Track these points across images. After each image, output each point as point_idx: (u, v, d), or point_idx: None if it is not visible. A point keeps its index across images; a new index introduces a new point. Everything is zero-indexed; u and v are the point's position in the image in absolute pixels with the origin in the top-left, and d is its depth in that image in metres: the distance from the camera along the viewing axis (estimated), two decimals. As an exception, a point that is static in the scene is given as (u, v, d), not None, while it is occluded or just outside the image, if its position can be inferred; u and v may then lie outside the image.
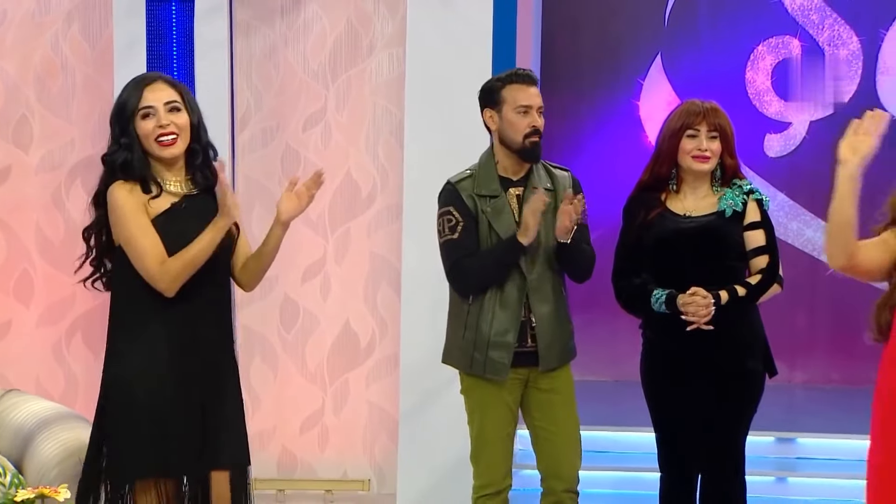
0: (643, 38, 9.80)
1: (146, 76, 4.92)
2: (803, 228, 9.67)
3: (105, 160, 4.82)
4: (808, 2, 9.75)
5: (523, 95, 5.63)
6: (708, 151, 5.51)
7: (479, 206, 5.64)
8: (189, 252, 4.71)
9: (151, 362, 4.77)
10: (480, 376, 5.67)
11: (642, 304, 5.55)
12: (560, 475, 5.76)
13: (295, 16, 8.47)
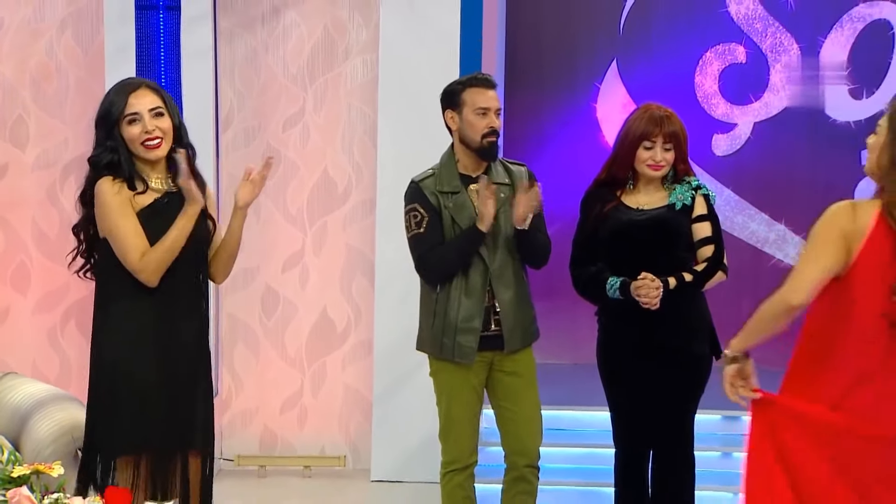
0: (600, 44, 9.80)
1: (130, 82, 4.88)
2: (748, 222, 9.69)
3: (91, 161, 4.80)
4: (752, 11, 9.76)
5: (482, 98, 5.62)
6: (662, 161, 5.53)
7: (441, 201, 5.64)
8: (165, 241, 4.71)
9: (134, 347, 4.75)
10: (450, 360, 5.65)
11: (597, 291, 5.55)
12: (522, 452, 5.76)
13: (275, 23, 8.47)
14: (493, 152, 5.66)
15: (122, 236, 4.71)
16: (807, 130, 9.64)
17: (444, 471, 5.78)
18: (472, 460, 5.78)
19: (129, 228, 4.70)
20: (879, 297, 4.15)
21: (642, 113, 5.61)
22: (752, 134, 9.73)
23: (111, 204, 4.71)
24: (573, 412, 7.43)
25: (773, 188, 9.59)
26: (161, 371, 4.78)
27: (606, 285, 5.48)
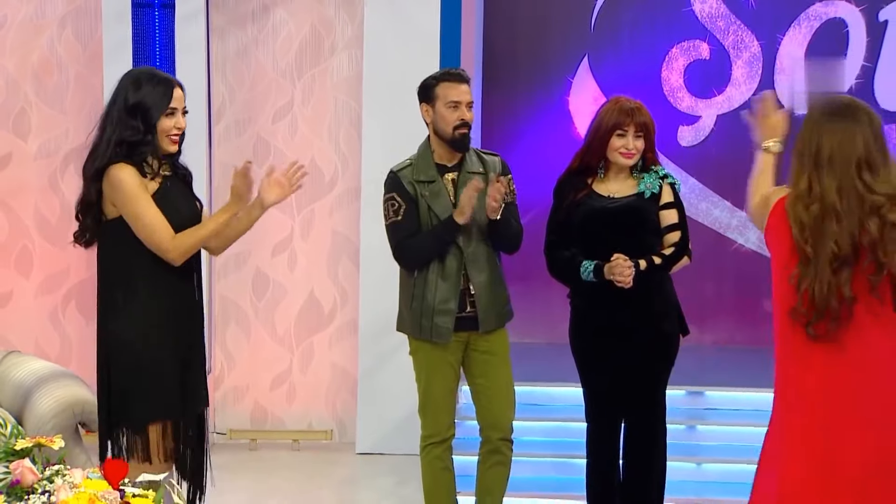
0: (572, 41, 9.79)
1: (169, 78, 4.87)
2: (711, 209, 9.69)
3: (123, 142, 4.74)
4: (716, 10, 9.76)
5: (454, 92, 5.61)
6: (634, 149, 5.52)
7: (418, 190, 5.63)
8: (203, 230, 4.79)
9: (149, 322, 4.77)
10: (428, 340, 5.65)
11: (572, 274, 5.54)
12: (496, 426, 5.77)
13: (265, 21, 8.47)
14: (464, 143, 5.65)
15: (150, 220, 4.71)
16: (766, 122, 9.64)
17: (424, 444, 5.78)
18: (450, 434, 5.78)
19: (155, 213, 4.71)
20: (786, 292, 4.14)
21: (613, 105, 5.60)
22: (715, 126, 9.74)
23: (135, 190, 4.70)
24: (547, 388, 7.44)
25: (735, 177, 9.49)
26: (173, 344, 4.83)
27: (580, 269, 5.47)
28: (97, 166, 4.74)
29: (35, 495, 3.62)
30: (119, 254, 4.80)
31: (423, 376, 5.76)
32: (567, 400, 7.03)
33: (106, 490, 3.70)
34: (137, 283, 4.79)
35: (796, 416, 4.17)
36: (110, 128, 4.77)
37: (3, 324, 8.57)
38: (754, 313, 9.79)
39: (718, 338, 9.52)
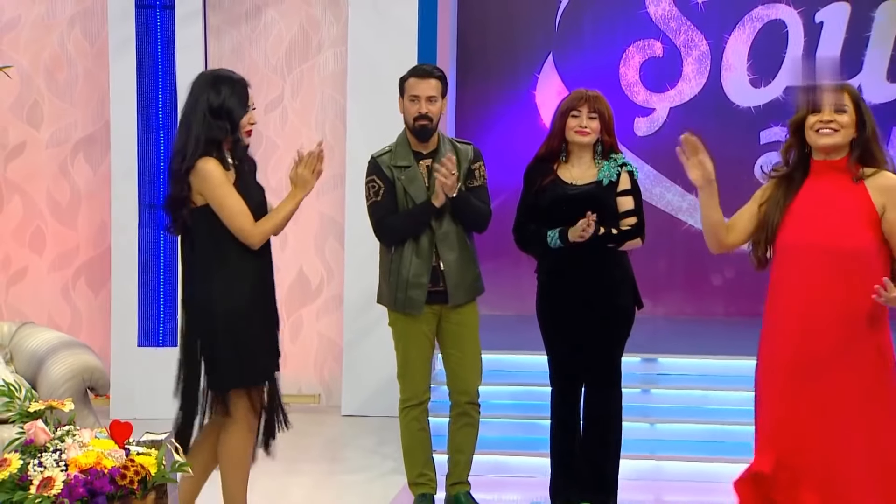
0: (538, 39, 9.78)
1: (243, 80, 4.93)
2: (664, 193, 9.70)
3: (210, 141, 4.79)
4: (668, 12, 9.75)
5: (415, 87, 5.60)
6: (587, 128, 5.53)
7: (395, 174, 5.63)
8: (278, 217, 4.91)
9: (257, 293, 4.91)
10: (402, 311, 5.65)
11: (538, 244, 5.56)
12: (464, 391, 5.77)
13: (257, 21, 8.44)
14: (424, 134, 5.62)
15: (235, 209, 4.79)
16: (714, 114, 9.67)
17: (402, 406, 5.78)
18: (426, 397, 5.78)
19: (237, 200, 4.80)
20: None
21: (572, 93, 5.67)
22: (668, 117, 9.75)
23: (221, 180, 4.78)
24: (515, 356, 7.43)
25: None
26: (260, 317, 4.93)
27: (547, 238, 5.49)
28: (188, 166, 4.79)
29: (47, 453, 3.61)
30: (211, 237, 4.86)
31: (401, 345, 5.76)
32: (533, 367, 7.02)
33: (112, 448, 3.69)
34: (228, 262, 4.86)
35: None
36: (196, 128, 4.80)
37: (18, 298, 8.57)
38: (702, 288, 9.83)
39: (669, 310, 9.54)
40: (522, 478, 6.44)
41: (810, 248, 4.22)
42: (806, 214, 4.25)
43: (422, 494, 5.78)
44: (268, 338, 4.96)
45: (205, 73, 5.04)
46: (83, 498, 3.50)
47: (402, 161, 5.64)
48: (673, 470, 6.59)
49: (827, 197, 4.23)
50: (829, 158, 4.26)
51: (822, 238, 4.19)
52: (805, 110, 4.23)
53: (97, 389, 5.82)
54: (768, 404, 4.36)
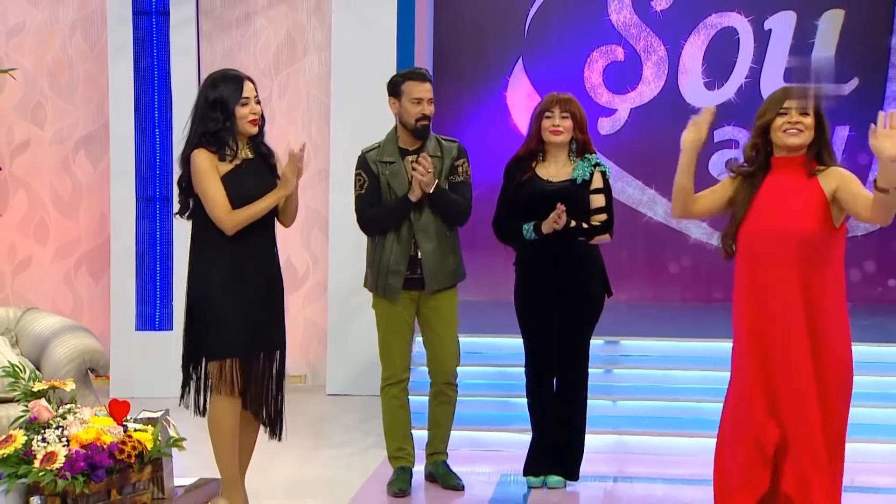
0: (509, 44, 9.78)
1: (240, 75, 4.94)
2: (625, 187, 9.70)
3: (206, 133, 4.84)
4: (629, 19, 9.76)
5: (417, 89, 5.59)
6: (560, 127, 5.56)
7: (380, 169, 5.62)
8: (252, 209, 4.85)
9: (229, 275, 4.87)
10: (383, 297, 5.64)
11: (516, 236, 5.57)
12: (441, 371, 5.77)
13: (247, 27, 8.44)
14: (424, 133, 5.63)
15: (211, 196, 4.82)
16: (671, 114, 9.64)
17: (383, 385, 5.76)
18: (405, 376, 5.76)
19: (215, 190, 4.81)
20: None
21: (546, 97, 5.70)
22: (629, 117, 9.76)
23: (203, 170, 4.82)
24: (489, 339, 7.41)
25: (646, 160, 9.63)
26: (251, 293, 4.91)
27: (523, 230, 5.50)
28: (184, 154, 4.89)
29: (50, 430, 3.59)
30: (201, 221, 4.92)
31: (382, 328, 5.74)
32: (506, 349, 7.02)
33: (111, 425, 3.67)
34: (207, 245, 4.91)
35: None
36: (196, 122, 4.88)
37: (23, 285, 8.54)
38: (660, 276, 9.85)
39: (631, 296, 9.54)
40: (495, 452, 6.44)
41: (770, 234, 4.31)
42: (767, 205, 4.35)
43: (401, 467, 5.77)
44: (241, 318, 4.88)
45: (210, 74, 5.04)
46: (84, 471, 3.48)
47: (388, 157, 5.63)
48: (634, 444, 6.60)
49: (785, 189, 4.33)
50: (790, 155, 4.35)
51: (781, 224, 4.29)
52: (773, 114, 4.31)
53: (97, 370, 5.80)
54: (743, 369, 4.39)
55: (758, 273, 4.34)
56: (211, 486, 3.99)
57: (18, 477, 3.49)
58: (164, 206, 8.00)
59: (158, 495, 3.75)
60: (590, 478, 5.92)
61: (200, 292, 4.90)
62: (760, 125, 4.35)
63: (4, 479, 3.51)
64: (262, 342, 4.98)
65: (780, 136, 4.31)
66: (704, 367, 6.96)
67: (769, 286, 4.31)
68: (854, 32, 9.66)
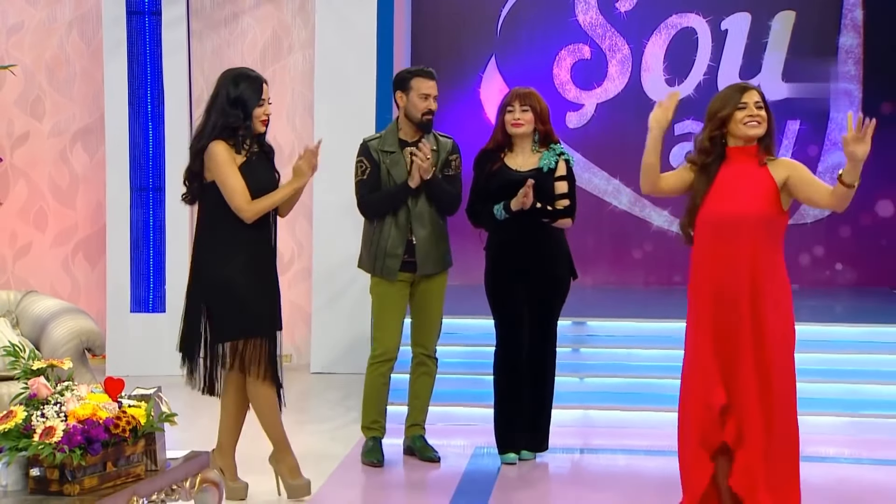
0: (482, 43, 9.79)
1: (260, 77, 4.97)
2: (592, 177, 9.72)
3: (226, 128, 4.85)
4: (595, 20, 9.77)
5: (425, 86, 5.63)
6: (521, 120, 5.57)
7: (381, 158, 5.62)
8: (271, 199, 4.89)
9: (243, 262, 4.89)
10: (381, 277, 5.65)
11: (488, 219, 5.59)
12: (422, 344, 5.80)
13: (234, 26, 8.42)
14: (429, 126, 5.66)
15: (232, 186, 4.82)
16: (634, 109, 9.67)
17: (372, 361, 5.75)
18: (395, 355, 5.76)
19: (237, 181, 4.82)
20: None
21: (508, 92, 5.72)
22: (595, 112, 9.78)
23: (226, 161, 4.82)
24: (462, 320, 7.39)
25: (611, 152, 9.66)
26: (260, 279, 4.95)
27: (494, 211, 5.52)
28: (202, 144, 4.86)
29: (49, 406, 3.58)
30: (216, 209, 4.90)
31: (378, 306, 5.75)
32: (477, 329, 7.02)
33: (107, 401, 3.66)
34: (226, 233, 4.90)
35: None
36: (215, 116, 4.87)
37: (23, 269, 8.51)
38: (624, 260, 9.88)
39: (596, 280, 9.57)
40: (469, 426, 6.44)
41: (728, 218, 4.39)
42: (724, 192, 4.42)
43: (373, 437, 5.77)
44: (260, 300, 4.93)
45: (229, 71, 5.05)
46: (81, 445, 3.47)
47: (390, 147, 5.64)
48: (599, 418, 6.62)
49: (740, 177, 4.42)
50: (745, 146, 4.44)
51: (737, 209, 4.38)
52: (732, 108, 4.39)
53: (94, 350, 5.79)
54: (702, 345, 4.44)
55: (717, 254, 4.40)
56: (201, 459, 3.98)
57: (19, 450, 3.48)
58: (157, 195, 7.99)
59: (151, 467, 3.74)
60: (558, 450, 5.95)
61: (223, 277, 4.88)
62: (721, 118, 4.41)
63: (6, 452, 3.50)
64: (277, 322, 5.04)
65: (742, 129, 4.39)
66: (666, 346, 6.98)
67: (726, 266, 4.38)
68: (804, 32, 9.71)
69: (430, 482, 5.54)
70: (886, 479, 5.66)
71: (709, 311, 4.41)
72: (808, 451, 5.67)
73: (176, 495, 3.83)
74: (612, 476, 5.72)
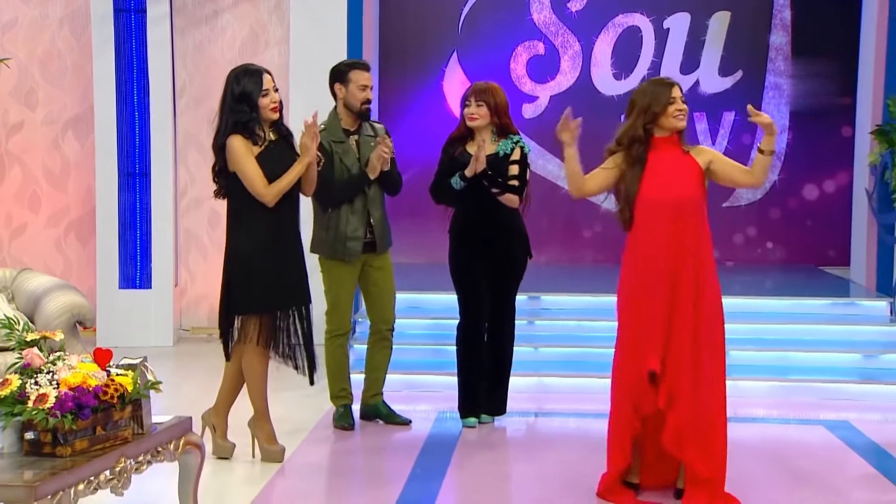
0: (445, 39, 9.77)
1: (259, 69, 4.99)
2: (546, 164, 9.72)
3: (237, 123, 4.88)
4: (548, 18, 9.77)
5: (363, 77, 5.60)
6: (475, 115, 5.56)
7: (332, 147, 5.59)
8: (285, 180, 4.90)
9: (264, 241, 4.94)
10: (339, 259, 5.61)
11: (447, 192, 5.60)
12: (382, 319, 5.77)
13: (215, 23, 8.37)
14: (367, 115, 5.66)
15: (251, 175, 4.87)
16: (585, 101, 9.69)
17: (329, 336, 5.74)
18: (349, 328, 5.79)
19: (254, 169, 4.87)
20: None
21: (468, 87, 5.72)
22: (548, 103, 9.78)
23: (243, 153, 4.87)
24: (425, 295, 7.40)
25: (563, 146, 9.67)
26: (282, 257, 4.98)
27: (451, 182, 5.54)
28: (220, 142, 4.92)
29: (42, 374, 3.56)
30: (239, 197, 4.95)
31: (333, 287, 5.71)
32: (440, 304, 7.02)
33: (96, 370, 3.64)
34: (248, 217, 4.95)
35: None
36: (226, 114, 4.91)
37: (19, 249, 8.45)
38: (575, 240, 9.91)
39: (550, 258, 9.60)
40: (431, 393, 6.45)
41: (665, 200, 4.45)
42: (656, 178, 4.48)
43: (343, 405, 5.77)
44: (279, 278, 4.95)
45: (232, 70, 5.05)
46: (72, 410, 3.45)
47: (336, 137, 5.61)
48: (552, 385, 6.65)
49: (668, 164, 4.49)
50: (670, 136, 4.52)
51: (673, 192, 4.45)
52: (665, 103, 4.45)
53: (84, 323, 5.77)
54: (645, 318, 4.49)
55: (666, 235, 4.43)
56: (184, 423, 3.96)
57: (14, 415, 3.46)
58: (143, 179, 7.94)
59: (138, 431, 3.72)
60: (515, 414, 5.97)
61: (242, 257, 4.94)
62: (654, 112, 4.46)
63: (2, 417, 3.47)
64: (296, 298, 5.03)
65: (672, 121, 4.47)
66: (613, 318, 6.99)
67: (677, 245, 4.43)
68: (739, 31, 9.77)
69: (397, 444, 5.54)
70: (810, 437, 5.73)
71: (663, 287, 4.44)
72: (740, 413, 5.77)
73: (161, 457, 3.81)
74: (564, 437, 5.76)
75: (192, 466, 3.99)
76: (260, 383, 5.05)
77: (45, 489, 3.23)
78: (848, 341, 7.02)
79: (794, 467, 5.11)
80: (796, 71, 9.72)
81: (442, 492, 4.73)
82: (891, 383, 6.55)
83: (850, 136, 8.71)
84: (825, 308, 7.45)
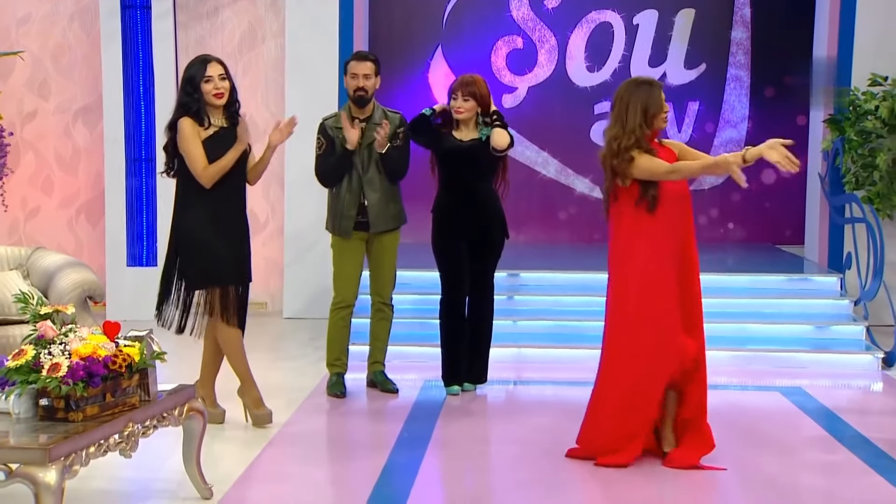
0: (430, 33, 9.73)
1: (207, 57, 4.94)
2: (524, 150, 9.71)
3: (181, 104, 4.87)
4: (526, 15, 9.73)
5: (353, 67, 5.59)
6: (461, 108, 5.54)
7: (335, 133, 5.57)
8: (220, 163, 4.85)
9: (205, 220, 4.89)
10: (339, 235, 5.63)
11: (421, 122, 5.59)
12: (379, 293, 5.78)
13: (215, 18, 8.33)
14: (362, 101, 5.58)
15: (192, 156, 4.83)
16: (561, 92, 9.70)
17: (333, 307, 5.73)
18: (353, 302, 5.75)
19: (197, 151, 4.82)
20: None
21: (455, 80, 5.65)
22: (527, 94, 9.76)
23: (188, 135, 4.83)
24: (411, 272, 7.38)
25: (540, 128, 9.67)
26: (224, 234, 4.92)
27: (424, 111, 5.60)
28: (169, 122, 4.92)
29: (55, 345, 3.55)
30: (185, 177, 4.91)
31: (337, 260, 5.71)
32: (425, 280, 7.01)
33: (105, 342, 3.62)
34: (191, 196, 4.90)
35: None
36: (178, 97, 4.95)
37: (33, 229, 8.42)
38: (552, 221, 9.91)
39: (528, 237, 9.60)
40: (419, 363, 6.46)
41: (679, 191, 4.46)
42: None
43: (337, 373, 5.77)
44: (224, 254, 4.91)
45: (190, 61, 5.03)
46: (83, 379, 3.45)
47: (338, 124, 5.59)
48: (530, 355, 6.66)
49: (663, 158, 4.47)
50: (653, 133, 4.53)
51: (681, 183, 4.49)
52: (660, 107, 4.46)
53: (95, 298, 5.75)
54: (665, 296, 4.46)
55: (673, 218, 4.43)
56: (188, 391, 3.96)
57: (29, 383, 3.45)
58: (149, 165, 7.92)
59: (145, 398, 3.71)
60: (495, 382, 5.98)
61: (187, 234, 4.89)
62: (653, 115, 4.43)
63: (18, 385, 3.47)
64: (241, 275, 5.01)
65: (661, 123, 4.51)
66: (587, 293, 7.03)
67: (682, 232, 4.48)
68: (703, 27, 9.76)
69: (386, 410, 5.55)
70: (767, 402, 5.76)
71: (674, 268, 4.43)
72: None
73: (166, 422, 3.81)
74: (541, 404, 5.77)
75: (194, 431, 3.99)
76: (237, 353, 5.04)
77: (59, 451, 3.24)
78: (802, 314, 7.06)
79: (752, 430, 5.14)
80: (755, 64, 9.73)
81: (427, 454, 4.73)
82: (840, 352, 6.59)
83: (804, 124, 8.72)
84: (781, 283, 7.48)
